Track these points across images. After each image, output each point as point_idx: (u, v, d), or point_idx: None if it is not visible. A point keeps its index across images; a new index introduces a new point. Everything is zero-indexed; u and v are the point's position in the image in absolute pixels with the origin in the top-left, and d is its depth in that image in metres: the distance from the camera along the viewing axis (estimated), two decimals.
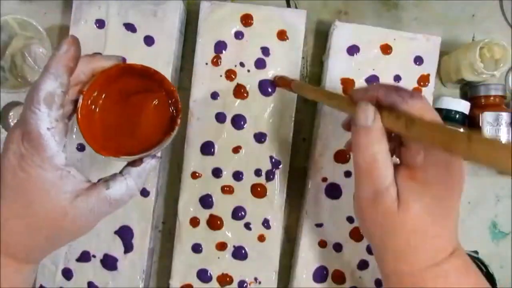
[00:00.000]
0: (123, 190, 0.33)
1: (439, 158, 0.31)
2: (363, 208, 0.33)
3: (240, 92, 0.50)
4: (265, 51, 0.50)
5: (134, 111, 0.37)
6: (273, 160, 0.50)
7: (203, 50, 0.50)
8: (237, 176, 0.49)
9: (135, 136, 0.37)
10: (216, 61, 0.50)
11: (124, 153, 0.34)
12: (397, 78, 0.50)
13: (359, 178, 0.33)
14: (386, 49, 0.50)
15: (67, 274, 0.49)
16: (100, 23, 0.50)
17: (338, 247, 0.49)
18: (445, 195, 0.31)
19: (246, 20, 0.50)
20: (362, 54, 0.50)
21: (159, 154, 0.39)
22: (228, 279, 0.49)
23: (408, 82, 0.50)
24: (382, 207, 0.31)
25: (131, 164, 0.35)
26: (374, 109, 0.31)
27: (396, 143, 0.34)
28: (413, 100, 0.30)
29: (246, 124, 0.50)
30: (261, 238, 0.49)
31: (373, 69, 0.50)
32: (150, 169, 0.36)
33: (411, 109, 0.30)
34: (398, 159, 0.34)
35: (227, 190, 0.49)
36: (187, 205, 0.49)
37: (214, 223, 0.49)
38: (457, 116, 0.51)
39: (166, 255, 0.53)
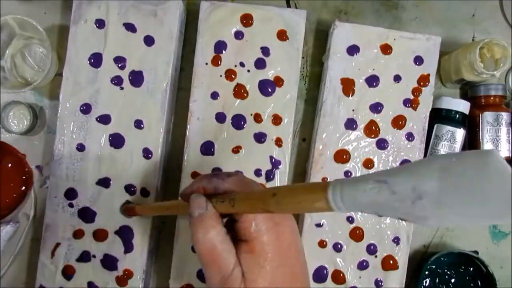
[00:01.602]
0: None
1: (268, 224, 0.31)
2: None
3: (240, 92, 0.50)
4: (265, 51, 0.50)
5: None
6: (273, 160, 0.50)
7: (203, 50, 0.50)
8: None
9: None
10: (216, 61, 0.50)
11: None
12: (397, 78, 0.50)
13: (205, 268, 0.32)
14: (386, 49, 0.50)
15: (67, 274, 0.49)
16: (100, 23, 0.50)
17: (338, 247, 0.49)
18: (282, 261, 0.31)
19: (246, 20, 0.50)
20: (362, 54, 0.50)
21: (17, 219, 0.41)
22: None
23: (408, 82, 0.50)
24: None
25: None
26: (204, 198, 0.32)
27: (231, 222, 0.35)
28: (231, 178, 0.32)
29: (246, 124, 0.50)
30: None
31: (373, 69, 0.50)
32: (7, 235, 0.37)
33: (232, 186, 0.32)
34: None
35: None
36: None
37: None
38: (457, 116, 0.51)
39: (166, 255, 0.53)
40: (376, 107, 0.50)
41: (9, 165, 0.41)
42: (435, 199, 0.20)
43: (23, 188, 0.40)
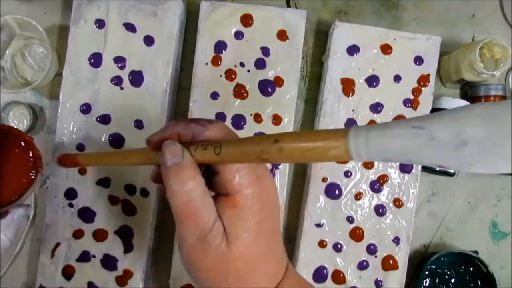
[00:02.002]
0: None
1: (252, 177, 0.29)
2: (191, 255, 0.29)
3: (240, 92, 0.50)
4: (265, 51, 0.50)
5: None
6: None
7: (203, 50, 0.50)
8: None
9: None
10: (216, 61, 0.50)
11: None
12: (397, 78, 0.50)
13: (180, 223, 0.29)
14: (386, 49, 0.50)
15: (67, 274, 0.49)
16: (100, 23, 0.50)
17: (338, 247, 0.49)
18: (266, 215, 0.29)
19: (246, 20, 0.50)
20: (362, 54, 0.50)
21: (28, 202, 0.41)
22: None
23: (408, 82, 0.50)
24: (212, 249, 0.28)
25: None
26: (180, 145, 0.29)
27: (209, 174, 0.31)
28: (214, 125, 0.29)
29: (246, 124, 0.50)
30: None
31: (373, 69, 0.50)
32: (19, 218, 0.36)
33: (214, 134, 0.29)
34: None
35: None
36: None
37: None
38: None
39: (166, 255, 0.52)
40: (376, 107, 0.50)
41: (16, 150, 0.41)
42: (482, 145, 0.19)
43: (32, 171, 0.40)
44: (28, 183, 0.39)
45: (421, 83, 0.51)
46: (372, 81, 0.50)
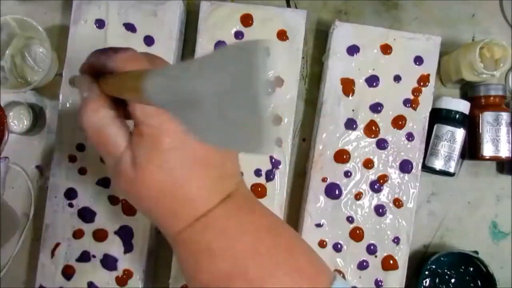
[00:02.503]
0: None
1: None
2: (112, 179, 0.31)
3: None
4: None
5: None
6: (273, 160, 0.49)
7: (203, 50, 0.50)
8: None
9: None
10: None
11: None
12: (397, 78, 0.50)
13: (97, 149, 0.31)
14: (386, 49, 0.50)
15: (67, 274, 0.49)
16: (100, 23, 0.50)
17: (338, 247, 0.49)
18: (179, 143, 0.28)
19: (246, 20, 0.50)
20: (362, 54, 0.50)
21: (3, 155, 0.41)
22: None
23: (408, 82, 0.50)
24: (124, 176, 0.29)
25: None
26: (88, 79, 0.30)
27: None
28: (119, 54, 0.29)
29: None
30: None
31: (373, 69, 0.50)
32: (1, 171, 0.37)
33: (120, 65, 0.29)
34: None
35: None
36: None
37: None
38: (457, 116, 0.51)
39: (166, 255, 0.53)
40: (376, 107, 0.50)
41: None
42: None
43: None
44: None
45: (421, 83, 0.51)
46: (372, 81, 0.50)
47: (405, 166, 0.50)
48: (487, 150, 0.52)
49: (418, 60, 0.51)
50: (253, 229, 0.30)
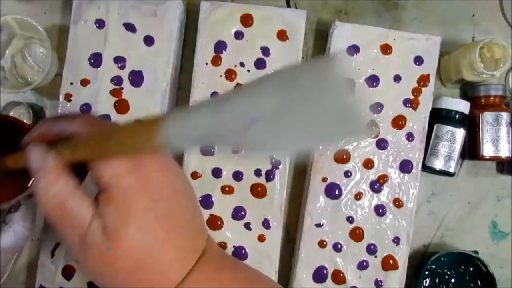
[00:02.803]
0: (12, 238, 0.33)
1: (127, 166, 0.26)
2: (78, 258, 0.27)
3: None
4: (265, 51, 0.50)
5: None
6: (273, 160, 0.49)
7: (203, 50, 0.50)
8: (237, 176, 0.49)
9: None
10: (216, 61, 0.50)
11: None
12: (397, 78, 0.50)
13: (59, 229, 0.27)
14: (386, 49, 0.50)
15: (67, 274, 0.48)
16: (100, 23, 0.50)
17: (338, 247, 0.49)
18: (152, 204, 0.26)
19: (246, 20, 0.50)
20: (362, 54, 0.50)
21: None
22: None
23: (408, 82, 0.50)
24: (94, 249, 0.26)
25: (9, 210, 0.35)
26: (43, 147, 0.27)
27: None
28: (78, 118, 0.28)
29: None
30: (261, 238, 0.49)
31: (373, 69, 0.50)
32: (33, 207, 0.35)
33: (80, 129, 0.27)
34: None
35: (227, 190, 0.49)
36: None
37: (214, 223, 0.49)
38: (457, 116, 0.51)
39: None
40: (376, 107, 0.50)
41: (18, 139, 0.41)
42: (270, 122, 0.17)
43: None
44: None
45: (421, 83, 0.51)
46: (372, 81, 0.50)
47: (405, 166, 0.50)
48: (487, 150, 0.52)
49: (418, 60, 0.51)
50: (236, 285, 0.29)
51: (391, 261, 0.49)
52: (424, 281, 0.53)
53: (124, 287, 0.27)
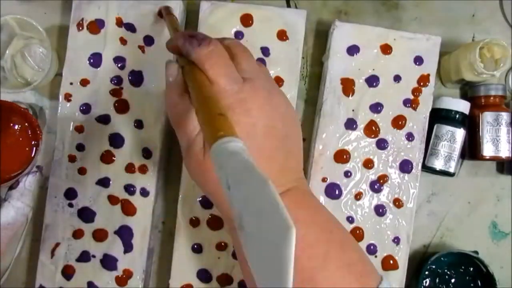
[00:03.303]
0: (12, 213, 0.37)
1: (232, 99, 0.31)
2: (185, 159, 0.33)
3: None
4: (265, 51, 0.50)
5: None
6: None
7: None
8: None
9: None
10: None
11: None
12: (397, 78, 0.50)
13: (176, 131, 0.33)
14: (386, 49, 0.50)
15: (67, 274, 0.49)
16: (100, 23, 0.50)
17: None
18: (246, 138, 0.29)
19: (246, 20, 0.50)
20: (362, 54, 0.50)
21: (34, 169, 0.44)
22: (228, 279, 0.49)
23: (408, 82, 0.50)
24: (193, 157, 0.31)
25: (10, 187, 0.38)
26: (176, 66, 0.33)
27: None
28: (200, 48, 0.31)
29: None
30: None
31: (373, 69, 0.50)
32: (31, 184, 0.39)
33: (199, 58, 0.31)
34: None
35: None
36: (187, 205, 0.49)
37: (214, 223, 0.49)
38: (457, 116, 0.51)
39: (166, 255, 0.52)
40: (376, 107, 0.50)
41: (14, 123, 0.45)
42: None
43: (33, 141, 0.44)
44: (31, 152, 0.43)
45: (421, 83, 0.51)
46: (372, 81, 0.50)
47: (405, 166, 0.50)
48: (487, 150, 0.52)
49: (418, 60, 0.51)
50: (307, 223, 0.31)
51: (391, 261, 0.49)
52: (424, 281, 0.53)
53: (212, 195, 0.33)
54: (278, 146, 0.31)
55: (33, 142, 0.44)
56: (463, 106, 0.52)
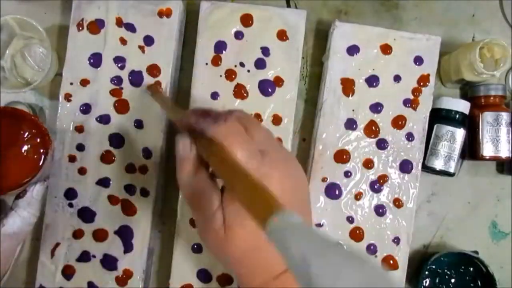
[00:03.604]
0: (18, 223, 0.37)
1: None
2: (201, 235, 0.34)
3: (240, 92, 0.50)
4: (265, 51, 0.50)
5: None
6: None
7: (203, 50, 0.50)
8: None
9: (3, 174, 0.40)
10: (216, 61, 0.50)
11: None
12: (397, 78, 0.50)
13: (190, 206, 0.33)
14: (386, 49, 0.50)
15: (67, 274, 0.49)
16: (100, 23, 0.50)
17: None
18: None
19: (246, 20, 0.50)
20: (362, 54, 0.50)
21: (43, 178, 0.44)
22: (228, 279, 0.49)
23: (408, 82, 0.50)
24: (212, 233, 0.32)
25: (17, 196, 0.38)
26: (189, 140, 0.32)
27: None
28: (217, 126, 0.31)
29: None
30: None
31: (373, 69, 0.50)
32: (38, 194, 0.39)
33: (217, 136, 0.30)
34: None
35: None
36: (187, 205, 0.49)
37: None
38: (457, 116, 0.51)
39: (166, 255, 0.53)
40: (376, 107, 0.50)
41: (24, 130, 0.44)
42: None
43: (42, 149, 0.43)
44: (39, 160, 0.41)
45: (421, 83, 0.51)
46: (372, 81, 0.50)
47: (405, 166, 0.50)
48: (487, 150, 0.52)
49: (418, 60, 0.51)
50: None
51: (391, 261, 0.49)
52: (424, 281, 0.53)
53: (233, 269, 0.33)
54: (299, 212, 0.32)
55: (41, 150, 0.43)
56: (463, 106, 0.52)
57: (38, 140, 0.44)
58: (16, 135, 0.43)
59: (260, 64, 0.50)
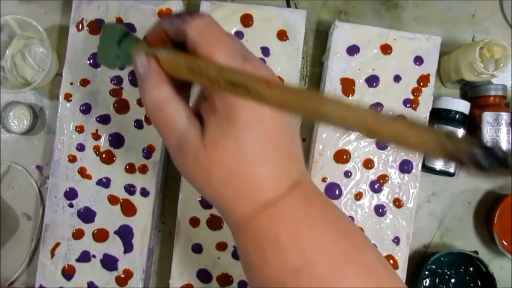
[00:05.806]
0: None
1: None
2: (174, 159, 0.29)
3: None
4: (265, 51, 0.50)
5: None
6: None
7: None
8: None
9: None
10: None
11: None
12: (397, 78, 0.50)
13: (156, 128, 0.29)
14: (386, 49, 0.50)
15: (67, 274, 0.49)
16: (100, 23, 0.50)
17: None
18: (254, 120, 0.26)
19: (246, 20, 0.50)
20: (362, 54, 0.50)
21: None
22: (228, 279, 0.49)
23: (408, 82, 0.50)
24: (190, 155, 0.27)
25: None
26: (145, 56, 0.29)
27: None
28: (195, 20, 0.27)
29: None
30: None
31: (373, 69, 0.50)
32: None
33: (194, 31, 0.27)
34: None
35: None
36: (187, 205, 0.49)
37: (214, 223, 0.49)
38: (457, 116, 0.51)
39: (166, 255, 0.53)
40: (376, 107, 0.50)
41: None
42: None
43: None
44: None
45: (421, 83, 0.51)
46: (372, 81, 0.50)
47: (405, 166, 0.50)
48: None
49: (418, 60, 0.51)
50: (322, 224, 0.28)
51: (391, 261, 0.49)
52: (424, 281, 0.53)
53: (216, 195, 0.28)
54: (284, 131, 0.28)
55: None
56: (463, 106, 0.52)
57: None
58: None
59: None
